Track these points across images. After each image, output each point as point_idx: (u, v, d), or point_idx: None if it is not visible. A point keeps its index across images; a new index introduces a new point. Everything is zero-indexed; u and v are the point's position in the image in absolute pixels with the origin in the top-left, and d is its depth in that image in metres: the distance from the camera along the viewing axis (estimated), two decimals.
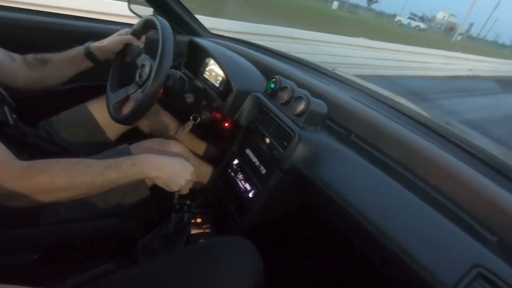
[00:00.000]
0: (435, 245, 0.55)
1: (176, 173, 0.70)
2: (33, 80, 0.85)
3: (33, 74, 0.85)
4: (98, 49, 0.91)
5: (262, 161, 0.87)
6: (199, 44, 1.10)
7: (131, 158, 0.67)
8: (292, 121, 0.82)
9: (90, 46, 0.90)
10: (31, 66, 0.85)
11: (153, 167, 0.67)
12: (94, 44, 0.91)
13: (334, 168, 0.75)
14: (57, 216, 0.75)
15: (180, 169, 0.71)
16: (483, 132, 3.68)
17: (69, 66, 0.91)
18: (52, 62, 0.88)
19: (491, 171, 0.72)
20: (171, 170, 0.70)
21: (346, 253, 0.90)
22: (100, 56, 0.92)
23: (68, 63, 0.90)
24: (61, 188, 0.56)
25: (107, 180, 0.61)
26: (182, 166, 0.72)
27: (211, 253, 0.59)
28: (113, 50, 0.93)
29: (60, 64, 0.89)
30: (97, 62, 0.93)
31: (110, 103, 0.88)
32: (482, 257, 0.51)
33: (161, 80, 0.79)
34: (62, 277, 0.61)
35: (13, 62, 0.81)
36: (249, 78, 1.03)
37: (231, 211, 0.92)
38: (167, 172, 0.69)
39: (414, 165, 0.72)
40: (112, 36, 0.93)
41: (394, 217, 0.61)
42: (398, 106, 0.99)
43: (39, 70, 0.86)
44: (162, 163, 0.69)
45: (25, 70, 0.84)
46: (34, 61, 0.86)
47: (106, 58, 0.94)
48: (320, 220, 0.92)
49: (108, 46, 0.92)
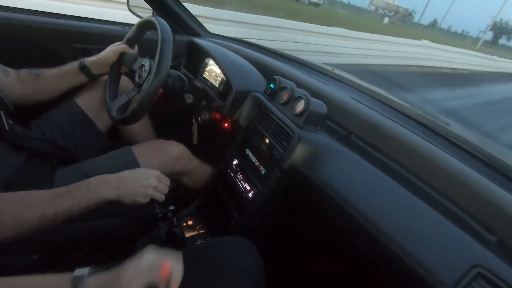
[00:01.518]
0: (434, 244, 0.55)
1: (138, 185, 0.64)
2: (25, 94, 0.86)
3: (26, 89, 0.85)
4: (93, 63, 0.92)
5: (262, 161, 0.87)
6: (199, 44, 1.10)
7: (84, 183, 0.61)
8: (292, 121, 0.82)
9: (84, 61, 0.91)
10: (25, 81, 0.85)
11: (111, 187, 0.62)
12: (89, 59, 0.92)
13: (334, 168, 0.75)
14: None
15: (142, 179, 0.65)
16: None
17: (62, 80, 0.91)
18: (45, 76, 0.89)
19: (491, 171, 0.72)
20: (131, 184, 0.64)
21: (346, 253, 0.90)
22: (94, 70, 0.93)
23: (62, 77, 0.91)
24: (7, 225, 0.52)
25: (60, 211, 0.56)
26: (142, 176, 0.66)
27: (211, 253, 0.59)
28: (108, 61, 0.93)
29: (53, 78, 0.90)
30: (92, 76, 0.94)
31: (112, 109, 0.88)
32: (482, 257, 0.51)
33: (160, 79, 0.79)
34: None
35: (6, 76, 0.81)
36: (248, 78, 1.03)
37: (230, 211, 0.92)
38: (127, 188, 0.63)
39: (414, 165, 0.72)
40: (107, 49, 0.94)
41: (393, 217, 0.61)
42: (398, 106, 0.99)
43: (32, 84, 0.87)
44: (119, 180, 0.64)
45: (18, 84, 0.84)
46: (27, 76, 0.86)
47: (101, 72, 0.95)
48: (319, 220, 0.92)
49: (103, 58, 0.93)
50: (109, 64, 0.94)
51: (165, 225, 0.80)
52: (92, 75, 0.93)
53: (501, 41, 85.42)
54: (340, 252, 0.93)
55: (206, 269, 0.56)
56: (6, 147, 0.75)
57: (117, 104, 0.89)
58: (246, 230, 0.88)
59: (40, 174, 0.77)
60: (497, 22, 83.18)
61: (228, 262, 0.58)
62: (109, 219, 0.83)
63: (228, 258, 0.59)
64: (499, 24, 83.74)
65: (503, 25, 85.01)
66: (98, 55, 0.93)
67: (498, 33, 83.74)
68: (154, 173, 0.68)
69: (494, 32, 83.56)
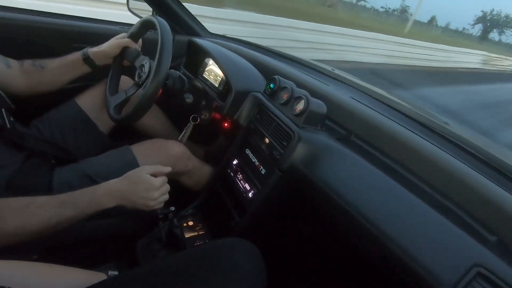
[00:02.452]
0: (434, 244, 0.55)
1: (139, 197, 0.66)
2: (29, 85, 0.85)
3: (30, 80, 0.85)
4: (96, 54, 0.92)
5: (262, 161, 0.87)
6: (199, 44, 1.10)
7: (88, 193, 0.63)
8: (292, 121, 0.82)
9: (88, 51, 0.91)
10: (28, 72, 0.85)
11: (114, 197, 0.64)
12: (92, 49, 0.92)
13: (334, 168, 0.75)
14: None
15: (143, 190, 0.67)
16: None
17: (66, 71, 0.91)
18: (49, 67, 0.88)
19: (490, 171, 0.72)
20: (133, 197, 0.66)
21: (346, 253, 0.90)
22: (98, 61, 0.93)
23: (66, 68, 0.91)
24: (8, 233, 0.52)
25: (63, 219, 0.57)
26: (143, 187, 0.67)
27: (213, 255, 0.59)
28: (111, 54, 0.94)
29: (57, 69, 0.90)
30: (95, 67, 0.93)
31: (110, 106, 0.88)
32: (482, 257, 0.51)
33: (160, 79, 0.79)
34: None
35: (9, 68, 0.81)
36: (248, 78, 1.03)
37: (230, 211, 0.92)
38: (130, 199, 0.66)
39: (414, 164, 0.72)
40: (110, 41, 0.94)
41: (393, 216, 0.61)
42: (398, 106, 0.99)
43: (36, 75, 0.86)
44: (121, 192, 0.65)
45: (21, 76, 0.84)
46: (31, 67, 0.86)
47: (104, 63, 0.94)
48: (319, 220, 0.92)
49: (106, 50, 0.92)
50: (112, 57, 0.94)
51: (165, 225, 0.81)
52: (96, 65, 0.93)
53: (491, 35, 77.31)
54: (340, 252, 0.94)
55: (208, 270, 0.56)
56: (6, 145, 0.75)
57: (115, 100, 0.89)
58: (245, 230, 0.88)
59: (39, 173, 0.77)
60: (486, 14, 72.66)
61: (231, 264, 0.58)
62: (109, 219, 0.83)
63: (230, 260, 0.58)
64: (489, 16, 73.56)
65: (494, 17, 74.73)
66: (101, 46, 0.93)
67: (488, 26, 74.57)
68: (155, 184, 0.68)
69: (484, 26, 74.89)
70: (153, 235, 0.87)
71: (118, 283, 0.54)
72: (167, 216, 0.77)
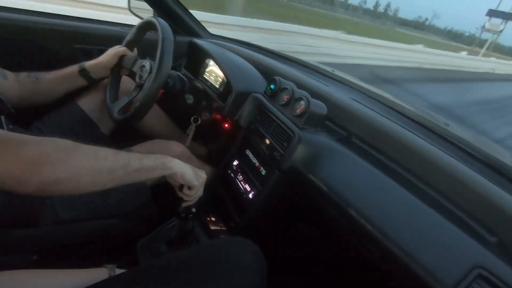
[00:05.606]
0: (435, 245, 0.55)
1: (194, 172, 0.68)
2: (24, 97, 0.85)
3: (25, 92, 0.85)
4: (93, 66, 0.92)
5: (262, 162, 0.87)
6: (199, 45, 1.10)
7: (162, 161, 0.61)
8: (292, 122, 0.82)
9: (85, 64, 0.91)
10: (23, 84, 0.85)
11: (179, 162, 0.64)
12: (89, 62, 0.92)
13: (334, 169, 0.75)
14: (57, 216, 0.75)
15: (197, 171, 0.69)
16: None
17: (62, 84, 0.91)
18: (45, 79, 0.88)
19: (491, 172, 0.72)
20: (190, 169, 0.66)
21: (346, 254, 0.90)
22: (94, 74, 0.93)
23: (61, 81, 0.91)
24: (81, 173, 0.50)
25: (130, 171, 0.57)
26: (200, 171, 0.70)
27: (214, 254, 0.59)
28: (108, 64, 0.93)
29: (53, 82, 0.89)
30: (91, 80, 0.93)
31: (114, 111, 0.88)
32: (482, 258, 0.51)
33: (161, 79, 0.79)
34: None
35: (4, 79, 0.81)
36: (249, 79, 1.03)
37: (230, 211, 0.92)
38: (190, 167, 0.66)
39: (414, 166, 0.72)
40: (106, 52, 0.94)
41: (394, 217, 0.61)
42: (398, 107, 0.99)
43: (31, 87, 0.86)
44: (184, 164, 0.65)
45: (16, 87, 0.83)
46: (26, 79, 0.86)
47: (101, 75, 0.94)
48: (320, 220, 0.92)
49: (104, 61, 0.93)
50: (109, 67, 0.94)
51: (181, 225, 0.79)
52: (92, 78, 0.93)
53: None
54: (340, 253, 0.94)
55: (209, 269, 0.56)
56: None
57: (118, 105, 0.89)
58: (246, 231, 0.87)
59: None
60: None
61: (232, 263, 0.58)
62: (109, 219, 0.83)
63: (231, 259, 0.59)
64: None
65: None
66: (98, 58, 0.93)
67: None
68: (205, 176, 0.71)
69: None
70: (154, 235, 0.87)
71: (119, 280, 0.55)
72: (187, 217, 0.77)
